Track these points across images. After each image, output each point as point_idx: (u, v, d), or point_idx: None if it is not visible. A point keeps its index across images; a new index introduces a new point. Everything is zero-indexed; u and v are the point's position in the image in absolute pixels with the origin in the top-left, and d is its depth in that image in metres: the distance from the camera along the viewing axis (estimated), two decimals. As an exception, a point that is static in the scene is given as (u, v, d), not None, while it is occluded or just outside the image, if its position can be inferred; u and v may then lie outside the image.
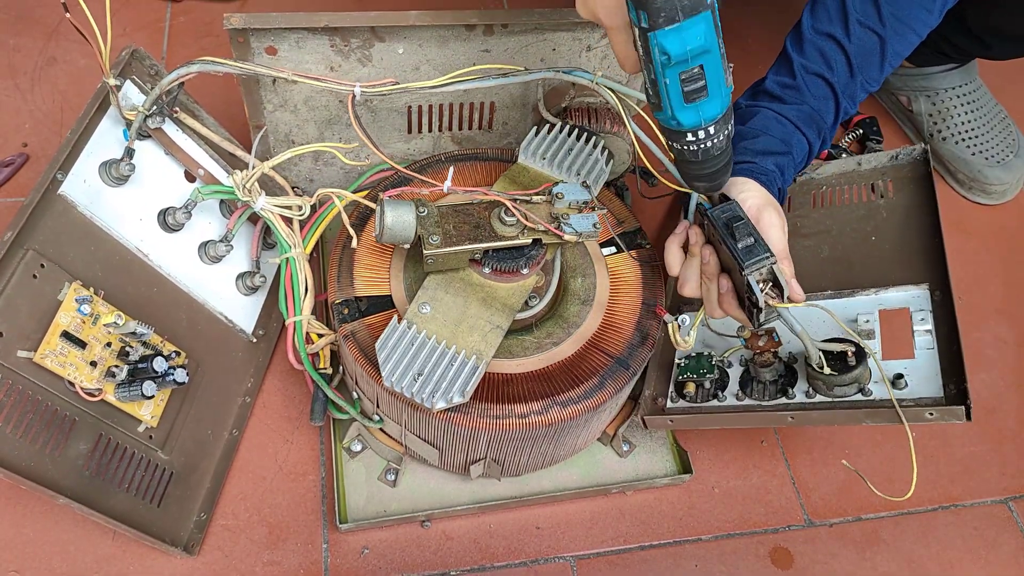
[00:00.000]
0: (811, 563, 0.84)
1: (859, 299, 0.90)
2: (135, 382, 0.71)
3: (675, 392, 0.85)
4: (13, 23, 1.19)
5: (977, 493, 0.92)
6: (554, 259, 0.79)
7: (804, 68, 0.82)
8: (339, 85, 0.75)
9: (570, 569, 0.81)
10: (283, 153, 0.79)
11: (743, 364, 0.85)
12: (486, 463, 0.77)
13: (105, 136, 0.75)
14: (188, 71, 0.73)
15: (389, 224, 0.69)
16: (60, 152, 0.71)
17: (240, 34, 0.78)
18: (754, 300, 0.67)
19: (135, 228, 0.77)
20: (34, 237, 0.68)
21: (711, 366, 0.84)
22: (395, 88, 0.76)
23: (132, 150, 0.76)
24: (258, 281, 0.87)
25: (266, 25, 0.78)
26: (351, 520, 0.80)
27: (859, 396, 0.80)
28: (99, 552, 0.77)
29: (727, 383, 0.84)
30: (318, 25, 0.79)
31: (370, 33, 0.82)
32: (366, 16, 0.81)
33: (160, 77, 0.79)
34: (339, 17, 0.80)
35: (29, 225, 0.67)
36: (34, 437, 0.65)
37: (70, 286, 0.69)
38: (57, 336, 0.67)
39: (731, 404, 0.83)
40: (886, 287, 0.89)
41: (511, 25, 0.84)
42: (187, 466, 0.79)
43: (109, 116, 0.76)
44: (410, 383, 0.66)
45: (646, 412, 0.83)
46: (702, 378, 0.83)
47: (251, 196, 0.78)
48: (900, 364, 0.82)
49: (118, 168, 0.75)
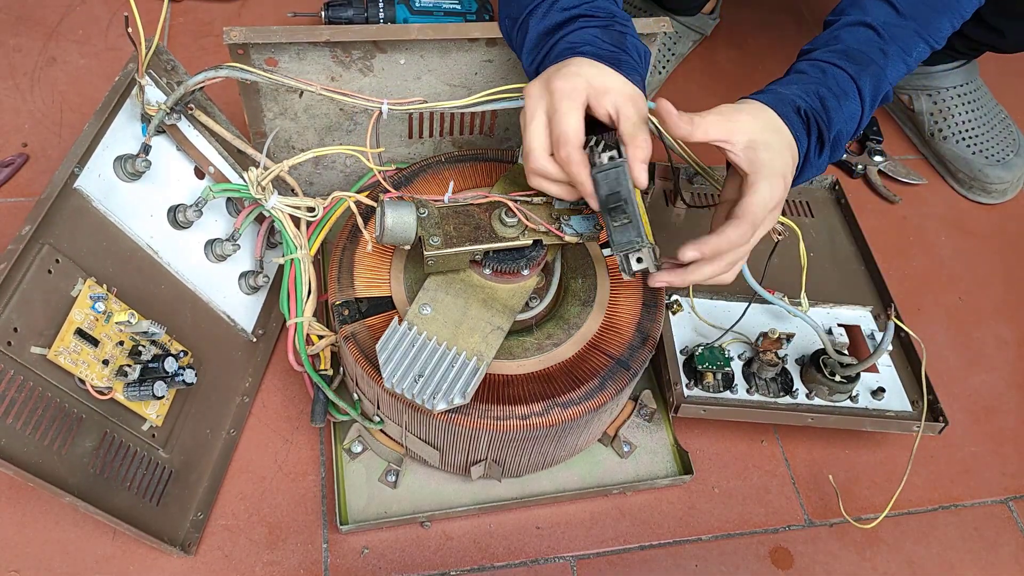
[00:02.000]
0: (811, 563, 0.84)
1: (816, 311, 0.96)
2: (146, 382, 0.71)
3: (691, 381, 0.87)
4: (13, 23, 1.19)
5: (977, 493, 0.92)
6: (555, 260, 0.79)
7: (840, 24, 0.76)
8: (368, 102, 0.74)
9: (570, 569, 0.81)
10: (303, 153, 0.78)
11: (741, 359, 0.89)
12: (487, 464, 0.77)
13: (120, 131, 0.75)
14: (216, 75, 0.73)
15: (389, 225, 0.69)
16: (78, 145, 0.70)
17: (240, 47, 0.78)
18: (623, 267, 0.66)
19: (146, 224, 0.77)
20: (50, 231, 0.67)
21: (725, 358, 0.86)
22: (423, 107, 0.75)
23: (149, 146, 0.75)
24: (261, 281, 0.87)
25: (267, 40, 0.78)
26: (352, 521, 0.80)
27: (849, 403, 0.87)
28: (99, 552, 0.77)
29: (733, 377, 0.88)
30: (319, 40, 0.79)
31: (372, 45, 0.82)
32: (367, 30, 0.80)
33: (176, 71, 0.79)
34: (340, 31, 0.79)
35: (47, 219, 0.67)
36: (43, 434, 0.65)
37: (84, 282, 0.69)
38: (71, 333, 0.67)
39: (743, 397, 0.86)
40: (838, 304, 0.97)
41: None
42: (186, 465, 0.79)
43: (124, 111, 0.75)
44: (411, 384, 0.66)
45: (678, 401, 0.85)
46: (719, 369, 0.86)
47: (264, 195, 0.78)
48: (874, 378, 0.90)
49: (134, 164, 0.74)
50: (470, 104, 0.76)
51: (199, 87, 0.75)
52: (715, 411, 0.85)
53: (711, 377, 0.86)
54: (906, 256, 1.12)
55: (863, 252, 1.02)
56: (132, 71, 0.74)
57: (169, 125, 0.78)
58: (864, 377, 0.88)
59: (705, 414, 0.85)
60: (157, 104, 0.76)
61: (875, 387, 0.88)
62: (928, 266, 1.12)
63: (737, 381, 0.87)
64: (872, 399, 0.87)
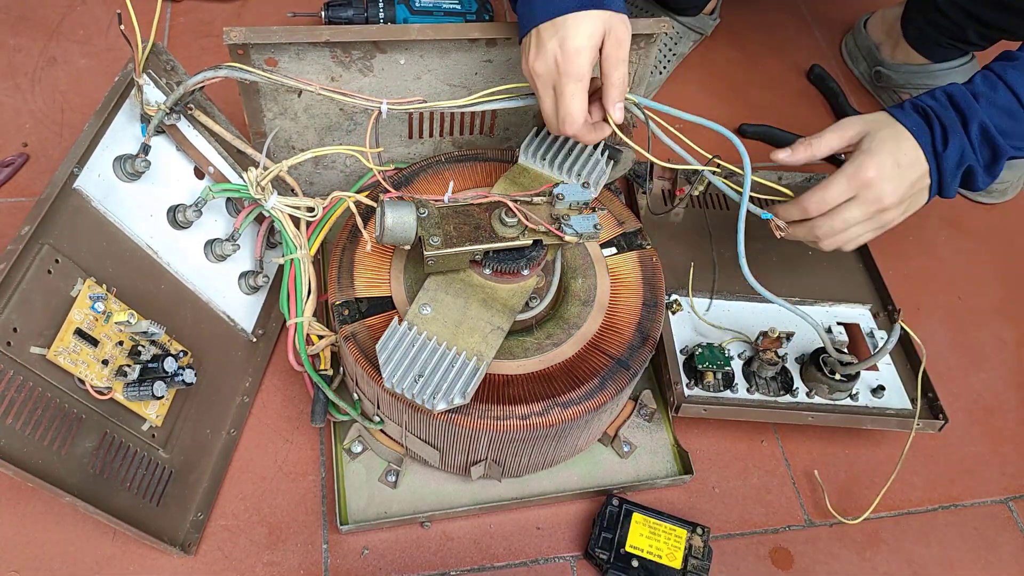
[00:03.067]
0: (811, 563, 0.84)
1: (815, 309, 0.96)
2: (145, 382, 0.72)
3: (692, 380, 0.87)
4: (13, 23, 1.19)
5: (977, 493, 0.92)
6: (555, 260, 0.79)
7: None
8: (367, 102, 0.74)
9: (570, 569, 0.81)
10: (302, 153, 0.79)
11: (741, 358, 0.90)
12: (487, 464, 0.77)
13: (120, 131, 0.75)
14: (215, 75, 0.73)
15: (389, 225, 0.69)
16: (77, 146, 0.70)
17: (240, 47, 0.78)
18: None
19: (145, 224, 0.77)
20: (50, 231, 0.67)
21: (726, 358, 0.87)
22: (423, 106, 0.75)
23: (148, 146, 0.75)
24: (261, 281, 0.87)
25: (267, 40, 0.78)
26: (352, 522, 0.80)
27: (849, 401, 0.87)
28: (99, 552, 0.78)
29: (733, 377, 0.88)
30: (319, 40, 0.79)
31: (371, 45, 0.82)
32: (368, 30, 0.80)
33: (175, 72, 0.79)
34: (340, 31, 0.79)
35: (47, 219, 0.67)
36: (42, 434, 0.65)
37: (84, 282, 0.69)
38: (71, 333, 0.67)
39: (744, 396, 0.86)
40: (836, 302, 0.97)
41: (513, 37, 0.84)
42: (186, 465, 0.79)
43: (123, 111, 0.75)
44: (411, 384, 0.66)
45: (679, 400, 0.85)
46: (719, 369, 0.86)
47: (263, 195, 0.78)
48: (873, 376, 0.90)
49: (133, 164, 0.75)
50: (469, 104, 0.76)
51: (198, 87, 0.75)
52: (716, 410, 0.85)
53: (711, 376, 0.86)
54: (905, 255, 1.12)
55: (861, 250, 1.01)
56: (131, 71, 0.74)
57: (169, 125, 0.78)
58: (864, 375, 0.89)
59: (706, 413, 0.85)
60: (156, 104, 0.76)
61: (875, 385, 0.88)
62: (927, 265, 1.12)
63: (737, 380, 0.88)
64: (872, 397, 0.88)
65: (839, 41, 1.38)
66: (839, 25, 1.39)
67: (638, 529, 0.80)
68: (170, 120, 0.77)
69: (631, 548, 0.79)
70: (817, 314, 0.95)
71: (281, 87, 0.76)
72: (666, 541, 0.80)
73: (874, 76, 1.28)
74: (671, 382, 0.86)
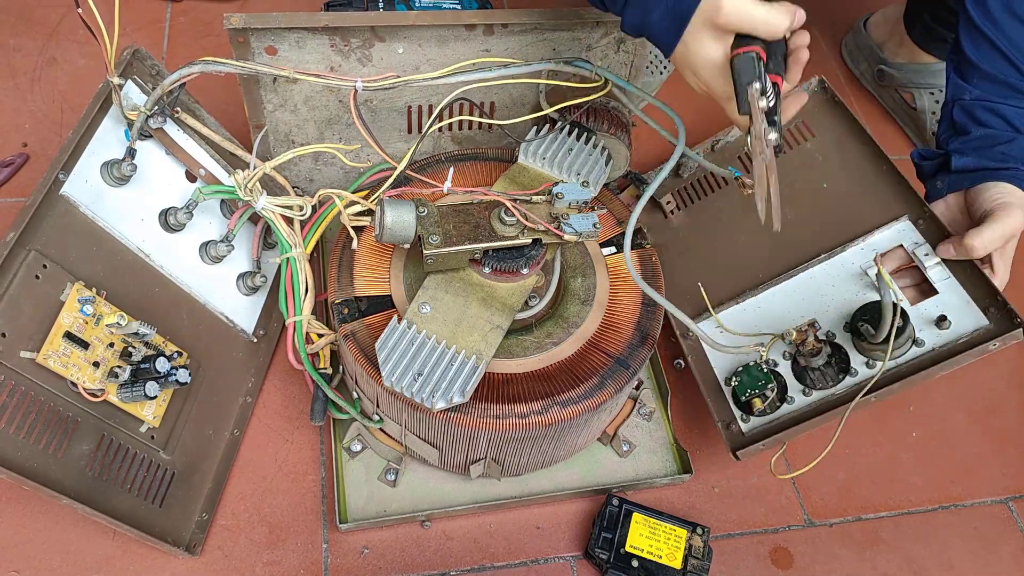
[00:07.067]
0: (811, 563, 0.84)
1: (851, 252, 0.84)
2: (138, 383, 0.71)
3: (742, 412, 0.82)
4: (13, 23, 1.19)
5: (977, 493, 0.92)
6: (554, 259, 0.79)
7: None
8: (340, 81, 0.75)
9: (570, 569, 0.81)
10: (285, 153, 0.79)
11: (787, 358, 0.81)
12: (486, 463, 0.77)
13: (107, 136, 0.75)
14: (190, 72, 0.73)
15: (389, 224, 0.69)
16: (62, 152, 0.71)
17: (240, 34, 0.78)
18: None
19: (137, 228, 0.77)
20: (36, 238, 0.68)
21: (765, 375, 0.80)
22: (397, 82, 0.76)
23: (134, 150, 0.76)
24: (259, 281, 0.87)
25: (266, 25, 0.78)
26: (351, 520, 0.80)
27: (915, 349, 0.76)
28: (99, 552, 0.77)
29: (785, 384, 0.81)
30: (318, 25, 0.79)
31: (370, 33, 0.82)
32: (366, 16, 0.81)
33: (161, 77, 0.79)
34: (339, 17, 0.80)
35: (31, 226, 0.67)
36: (37, 438, 0.65)
37: (72, 286, 0.69)
38: (60, 337, 0.67)
39: (803, 403, 0.80)
40: (869, 232, 0.84)
41: (511, 25, 0.84)
42: (189, 466, 0.79)
43: (111, 116, 0.76)
44: (410, 383, 0.66)
45: (734, 446, 0.80)
46: (763, 389, 0.79)
47: (252, 196, 0.78)
48: (932, 303, 0.78)
49: (120, 168, 0.75)
50: (441, 76, 0.77)
51: (177, 85, 0.74)
52: (780, 437, 0.78)
53: (759, 403, 0.79)
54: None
55: (876, 153, 0.86)
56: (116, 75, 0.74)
57: (155, 129, 0.78)
58: (921, 307, 0.77)
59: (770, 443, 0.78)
60: (138, 108, 0.76)
61: (935, 316, 0.76)
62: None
63: (789, 384, 0.80)
64: (938, 331, 0.75)
65: (839, 41, 1.38)
66: (839, 25, 1.39)
67: (638, 529, 0.80)
68: (156, 124, 0.77)
69: (631, 548, 0.79)
70: (855, 258, 0.83)
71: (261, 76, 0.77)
72: (666, 541, 0.79)
73: (876, 75, 1.28)
74: (723, 423, 0.81)
